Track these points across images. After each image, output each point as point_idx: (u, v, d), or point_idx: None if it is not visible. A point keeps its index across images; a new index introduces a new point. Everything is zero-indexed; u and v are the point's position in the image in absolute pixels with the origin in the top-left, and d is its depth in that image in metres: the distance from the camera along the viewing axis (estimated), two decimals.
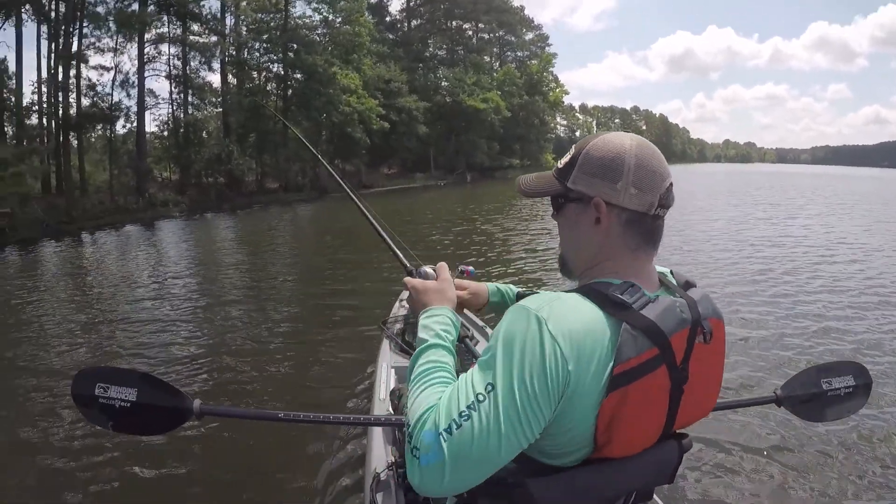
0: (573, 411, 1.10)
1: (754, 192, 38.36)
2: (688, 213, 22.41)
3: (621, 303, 1.13)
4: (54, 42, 28.87)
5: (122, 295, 10.66)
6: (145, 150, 32.86)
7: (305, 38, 40.25)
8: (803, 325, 7.59)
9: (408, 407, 1.16)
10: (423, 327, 1.36)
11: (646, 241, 1.25)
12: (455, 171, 55.47)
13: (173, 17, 33.97)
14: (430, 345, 1.30)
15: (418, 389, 1.19)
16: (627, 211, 1.22)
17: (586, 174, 1.24)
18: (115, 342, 7.52)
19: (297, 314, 8.53)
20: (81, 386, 1.76)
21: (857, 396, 2.04)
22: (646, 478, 1.30)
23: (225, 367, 6.32)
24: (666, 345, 1.13)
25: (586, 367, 1.07)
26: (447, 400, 1.09)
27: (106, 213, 25.74)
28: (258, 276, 12.31)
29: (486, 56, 69.56)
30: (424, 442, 1.06)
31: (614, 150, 1.22)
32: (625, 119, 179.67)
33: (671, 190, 1.24)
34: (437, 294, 1.49)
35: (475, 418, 1.04)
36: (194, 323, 8.23)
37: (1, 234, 19.83)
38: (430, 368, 1.23)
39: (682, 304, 1.19)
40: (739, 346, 6.62)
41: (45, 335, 8.01)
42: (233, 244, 18.94)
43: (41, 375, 6.28)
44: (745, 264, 12.05)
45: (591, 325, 1.10)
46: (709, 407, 1.34)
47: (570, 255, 1.34)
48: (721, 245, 14.80)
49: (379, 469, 2.50)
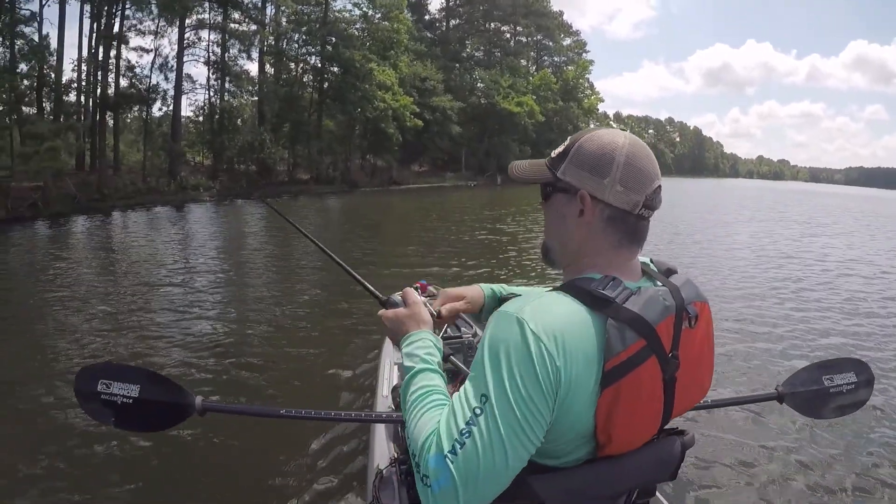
0: (571, 409, 1.09)
1: (782, 210, 38.09)
2: (711, 226, 22.52)
3: (604, 298, 1.13)
4: (96, 22, 29.27)
5: (141, 277, 10.64)
6: (180, 133, 33.18)
7: (344, 32, 40.31)
8: (809, 327, 7.91)
9: (409, 437, 1.16)
10: (407, 355, 1.34)
11: (628, 239, 1.25)
12: (485, 172, 55.37)
13: (214, 4, 34.27)
14: (417, 371, 1.28)
15: (416, 417, 1.17)
16: (611, 207, 1.22)
17: (576, 166, 1.25)
18: (125, 326, 7.41)
19: (303, 309, 8.38)
20: (84, 382, 1.75)
21: (859, 393, 2.04)
22: (648, 474, 1.29)
23: (229, 362, 6.21)
24: (653, 335, 1.13)
25: (575, 362, 1.06)
26: (445, 421, 1.08)
27: (137, 192, 26.01)
28: (273, 267, 12.23)
29: (522, 59, 69.32)
30: (432, 468, 1.04)
31: (606, 146, 1.22)
32: (658, 130, 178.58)
33: (658, 192, 1.24)
34: (410, 320, 1.45)
35: (476, 433, 1.03)
36: (203, 314, 8.10)
37: (33, 207, 20.09)
38: (422, 394, 1.21)
39: (665, 292, 1.21)
40: (745, 345, 6.82)
41: (60, 313, 7.95)
42: (257, 233, 18.77)
43: (49, 362, 6.16)
44: (759, 273, 12.24)
45: (572, 320, 1.10)
46: (705, 389, 1.34)
47: (553, 244, 1.35)
48: (740, 255, 14.97)
49: (382, 465, 2.47)
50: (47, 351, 6.40)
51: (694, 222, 24.15)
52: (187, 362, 6.14)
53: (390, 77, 40.93)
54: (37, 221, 19.12)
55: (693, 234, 19.51)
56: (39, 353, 6.32)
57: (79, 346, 6.63)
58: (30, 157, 20.80)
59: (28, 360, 6.11)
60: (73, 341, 6.79)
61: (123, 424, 1.80)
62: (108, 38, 29.09)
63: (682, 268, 1.32)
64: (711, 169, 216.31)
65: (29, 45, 25.47)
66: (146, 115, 32.91)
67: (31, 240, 16.15)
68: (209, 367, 6.06)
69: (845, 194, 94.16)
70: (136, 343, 6.79)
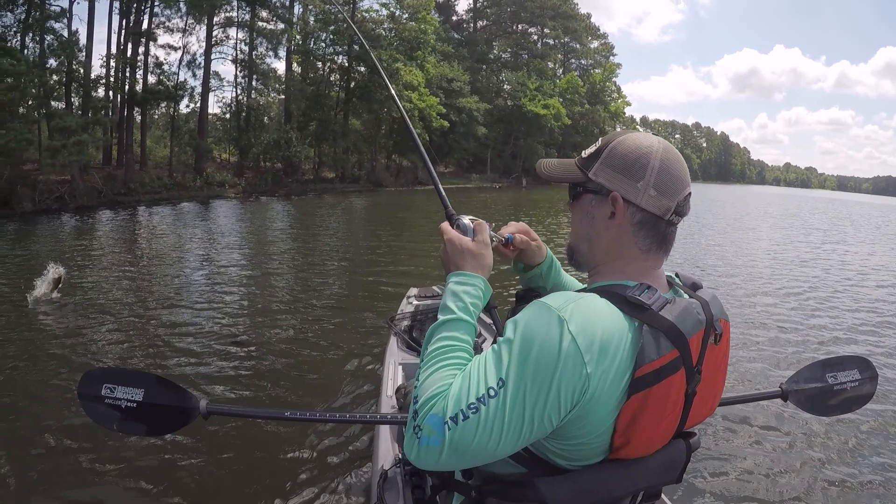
0: (590, 415, 1.07)
1: (807, 216, 38.10)
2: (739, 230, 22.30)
3: (640, 304, 1.11)
4: (125, 18, 29.42)
5: (160, 273, 10.65)
6: (206, 130, 33.38)
7: (372, 32, 40.21)
8: (820, 326, 8.25)
9: (418, 380, 1.15)
10: (452, 294, 1.29)
11: (657, 245, 1.23)
12: (511, 174, 55.21)
13: (243, 3, 34.37)
14: (454, 319, 1.24)
15: (433, 365, 1.16)
16: (643, 211, 1.20)
17: (609, 168, 1.22)
18: (135, 326, 7.35)
19: (312, 311, 8.28)
20: (88, 386, 1.74)
21: (863, 390, 2.04)
22: (654, 478, 1.26)
23: (234, 363, 6.20)
24: (685, 346, 1.11)
25: (606, 370, 1.05)
26: (458, 387, 1.08)
27: (163, 188, 26.14)
28: (287, 267, 12.16)
29: (549, 62, 68.69)
30: (429, 425, 1.06)
31: (641, 149, 1.20)
32: (685, 135, 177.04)
33: (689, 199, 1.23)
34: (473, 259, 1.37)
35: (482, 413, 1.03)
36: (212, 314, 8.01)
37: (60, 199, 20.21)
38: (448, 346, 1.19)
39: (698, 305, 1.18)
40: (750, 345, 7.00)
41: (78, 309, 7.83)
42: (279, 231, 18.66)
43: (54, 363, 6.03)
44: (775, 277, 12.46)
45: (612, 325, 1.07)
46: (714, 405, 1.33)
47: (580, 246, 1.32)
48: (759, 260, 15.13)
49: (386, 466, 2.50)
50: (54, 350, 6.28)
51: (722, 229, 23.91)
52: (192, 364, 6.13)
53: (417, 77, 40.80)
54: (63, 214, 19.29)
55: (715, 240, 19.32)
56: (45, 354, 6.19)
57: (85, 344, 6.57)
58: (57, 151, 20.88)
59: (34, 360, 6.00)
60: (80, 342, 6.66)
61: (127, 429, 1.80)
62: (136, 35, 29.20)
63: (705, 274, 1.13)
64: (738, 175, 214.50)
65: (58, 40, 25.70)
66: (174, 112, 33.29)
67: (55, 232, 16.22)
68: (214, 368, 6.06)
69: (870, 203, 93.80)
70: (144, 344, 6.77)
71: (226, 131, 36.21)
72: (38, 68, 23.37)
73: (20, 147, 19.30)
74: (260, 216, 22.60)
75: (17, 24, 24.68)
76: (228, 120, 36.29)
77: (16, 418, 4.80)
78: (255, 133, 34.85)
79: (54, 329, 6.98)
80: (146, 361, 6.16)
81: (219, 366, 6.06)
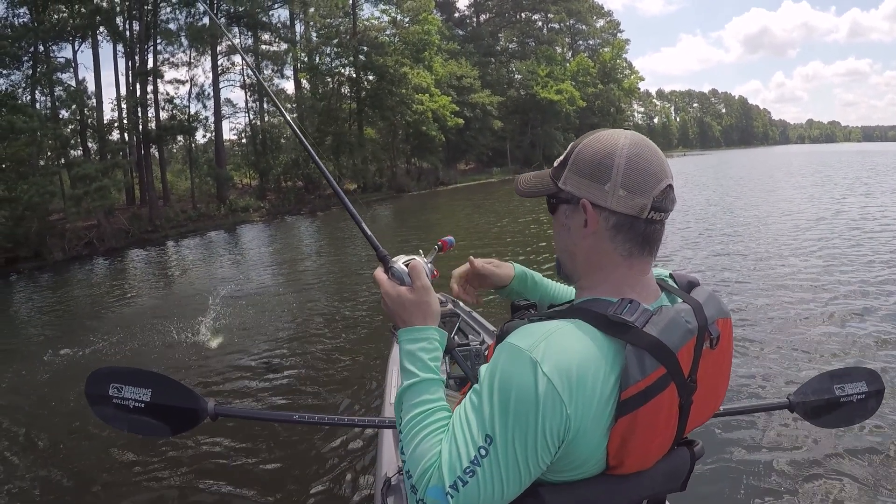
0: (580, 448, 1.06)
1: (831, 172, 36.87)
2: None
3: (622, 323, 1.06)
4: (130, 60, 29.55)
5: (190, 301, 10.75)
6: (224, 157, 33.49)
7: (375, 40, 40.07)
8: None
9: (406, 455, 1.12)
10: (408, 354, 1.22)
11: (639, 247, 1.16)
12: (532, 163, 54.81)
13: (244, 28, 34.46)
14: (419, 381, 1.18)
15: (416, 436, 1.13)
16: (616, 214, 1.13)
17: (576, 174, 1.18)
18: (153, 342, 7.62)
19: (322, 318, 8.48)
20: (95, 386, 1.70)
21: (870, 402, 2.01)
22: (658, 486, 1.23)
23: (242, 366, 6.39)
24: (673, 361, 1.07)
25: (587, 403, 1.02)
26: (448, 453, 1.05)
27: (188, 220, 26.24)
28: (304, 279, 12.26)
29: (557, 47, 67.97)
30: (431, 497, 1.05)
31: (604, 150, 1.15)
32: (703, 103, 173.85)
33: (669, 192, 1.15)
34: (417, 309, 1.27)
35: (479, 475, 1.02)
36: (227, 322, 8.31)
37: (89, 244, 20.42)
38: (424, 412, 1.15)
39: (687, 312, 1.14)
40: (754, 345, 6.52)
41: (107, 341, 7.98)
42: (301, 248, 19.09)
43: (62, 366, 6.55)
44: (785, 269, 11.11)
45: (589, 355, 1.04)
46: (718, 403, 1.30)
47: (563, 258, 1.27)
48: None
49: (390, 474, 2.48)
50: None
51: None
52: (201, 366, 6.43)
53: (425, 79, 40.65)
54: (94, 258, 19.52)
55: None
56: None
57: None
58: (80, 199, 20.97)
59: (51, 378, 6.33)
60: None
61: (135, 429, 1.75)
62: (143, 75, 29.31)
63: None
64: (761, 137, 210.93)
65: (67, 91, 25.86)
66: (190, 143, 33.46)
67: (88, 277, 16.44)
68: (222, 372, 6.30)
69: None
70: (153, 347, 7.20)
71: (244, 156, 36.38)
72: (51, 121, 23.46)
73: (43, 200, 19.43)
74: (284, 235, 22.69)
75: (24, 80, 24.84)
76: (245, 145, 36.52)
77: (24, 420, 5.12)
78: (272, 154, 34.92)
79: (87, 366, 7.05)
80: (161, 365, 6.50)
81: (226, 370, 6.31)
